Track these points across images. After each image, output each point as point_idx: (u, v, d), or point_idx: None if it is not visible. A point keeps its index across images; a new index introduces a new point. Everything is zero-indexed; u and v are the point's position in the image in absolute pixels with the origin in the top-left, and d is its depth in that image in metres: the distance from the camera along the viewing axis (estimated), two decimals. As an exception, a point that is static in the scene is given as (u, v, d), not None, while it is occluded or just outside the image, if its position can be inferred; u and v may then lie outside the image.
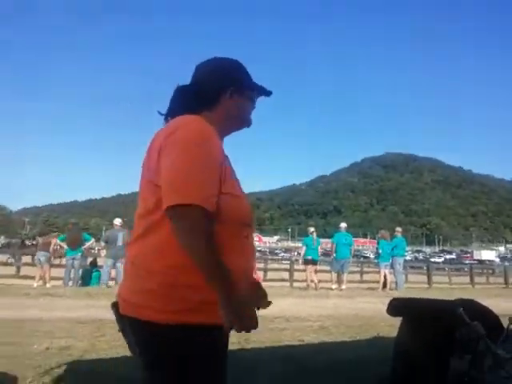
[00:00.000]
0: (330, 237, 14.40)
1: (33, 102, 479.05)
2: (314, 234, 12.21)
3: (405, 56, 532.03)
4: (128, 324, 1.21)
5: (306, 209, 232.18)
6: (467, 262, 48.56)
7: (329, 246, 12.29)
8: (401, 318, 2.24)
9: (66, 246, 11.36)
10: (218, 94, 1.39)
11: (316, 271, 12.13)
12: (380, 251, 12.69)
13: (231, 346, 4.16)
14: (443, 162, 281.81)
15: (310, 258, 11.79)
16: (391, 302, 2.31)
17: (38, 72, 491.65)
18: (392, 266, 12.53)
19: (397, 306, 2.28)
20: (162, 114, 1.41)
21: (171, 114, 1.38)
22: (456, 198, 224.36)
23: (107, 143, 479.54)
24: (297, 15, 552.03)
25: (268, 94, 1.51)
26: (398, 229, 13.85)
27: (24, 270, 13.83)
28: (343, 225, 12.46)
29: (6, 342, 3.97)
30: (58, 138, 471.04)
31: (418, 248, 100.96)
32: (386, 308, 2.22)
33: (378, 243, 13.85)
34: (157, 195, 1.19)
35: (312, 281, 11.56)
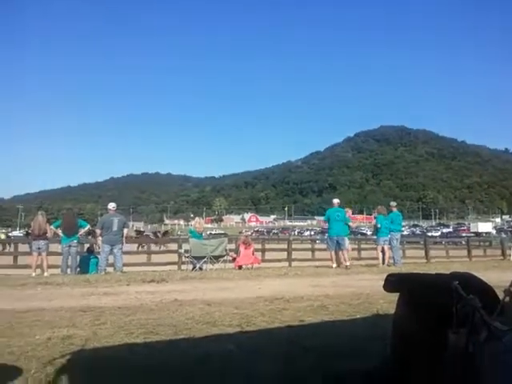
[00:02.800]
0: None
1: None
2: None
3: (400, 34, 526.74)
4: None
5: (302, 187, 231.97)
6: (464, 235, 49.27)
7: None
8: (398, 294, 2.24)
9: (61, 233, 11.35)
10: None
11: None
12: (379, 226, 12.73)
13: (231, 329, 4.18)
14: (436, 133, 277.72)
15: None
16: (387, 277, 2.32)
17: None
18: (390, 242, 12.60)
19: (392, 282, 2.29)
20: None
21: None
22: (450, 170, 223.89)
23: (97, 126, 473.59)
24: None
25: None
26: (393, 203, 13.80)
27: (21, 260, 13.86)
28: (335, 200, 12.30)
29: (8, 334, 3.96)
30: (46, 124, 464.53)
31: (415, 222, 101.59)
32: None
33: (375, 218, 13.91)
34: None
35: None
